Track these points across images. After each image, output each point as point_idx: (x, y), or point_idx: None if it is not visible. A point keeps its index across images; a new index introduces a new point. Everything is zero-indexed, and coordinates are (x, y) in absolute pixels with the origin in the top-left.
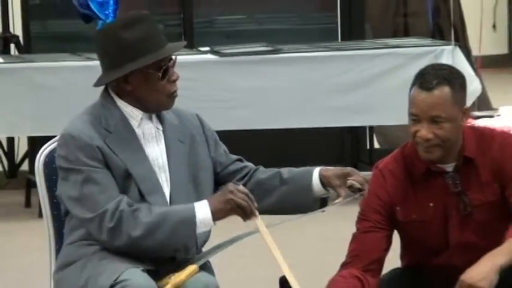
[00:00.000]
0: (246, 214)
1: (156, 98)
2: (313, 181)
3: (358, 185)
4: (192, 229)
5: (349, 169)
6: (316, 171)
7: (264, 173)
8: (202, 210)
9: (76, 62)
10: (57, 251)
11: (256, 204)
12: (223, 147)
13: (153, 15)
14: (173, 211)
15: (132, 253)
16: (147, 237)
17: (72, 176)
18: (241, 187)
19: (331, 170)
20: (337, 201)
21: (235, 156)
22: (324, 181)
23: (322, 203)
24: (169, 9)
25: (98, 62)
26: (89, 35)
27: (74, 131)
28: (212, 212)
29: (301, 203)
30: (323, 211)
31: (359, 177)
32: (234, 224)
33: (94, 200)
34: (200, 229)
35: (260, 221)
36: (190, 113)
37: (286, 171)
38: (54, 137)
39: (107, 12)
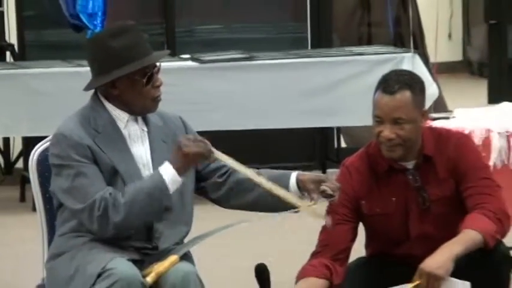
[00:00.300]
0: (205, 157)
1: (141, 102)
2: (290, 184)
3: (330, 191)
4: (165, 191)
5: (323, 176)
6: (294, 175)
7: None
8: (167, 172)
9: (67, 68)
10: (49, 241)
11: (209, 144)
12: None
13: (138, 25)
14: (144, 183)
15: (124, 233)
16: (129, 216)
17: (65, 171)
18: (189, 136)
19: (307, 176)
20: (309, 204)
21: None
22: (300, 185)
23: None
24: (153, 19)
25: (87, 68)
26: (79, 43)
27: (65, 130)
28: (177, 170)
29: (278, 203)
30: (297, 211)
31: (332, 184)
32: (213, 220)
33: (84, 192)
34: (172, 188)
35: (220, 153)
36: (174, 116)
37: (264, 173)
38: (46, 137)
39: (95, 23)
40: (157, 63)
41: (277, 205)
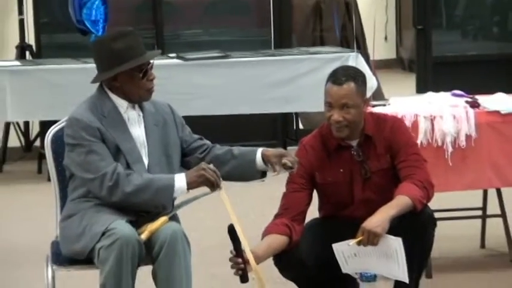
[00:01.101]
0: (213, 186)
1: (137, 92)
2: (256, 158)
3: (290, 164)
4: (170, 193)
5: (284, 151)
6: (259, 150)
7: (219, 149)
8: (179, 180)
9: (76, 65)
10: (61, 206)
11: (221, 179)
12: (188, 129)
13: (134, 30)
14: (158, 178)
15: (122, 207)
16: (136, 195)
17: (78, 149)
18: (211, 166)
19: (271, 151)
20: (273, 174)
21: (197, 136)
22: (265, 158)
23: (263, 174)
24: (145, 25)
25: (92, 65)
26: (85, 44)
27: (77, 115)
28: (187, 183)
29: (247, 173)
30: (263, 181)
31: (291, 158)
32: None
33: (96, 165)
34: (176, 194)
35: (223, 192)
36: (163, 103)
37: (236, 149)
38: (59, 121)
39: (98, 28)
40: (151, 61)
41: (247, 176)
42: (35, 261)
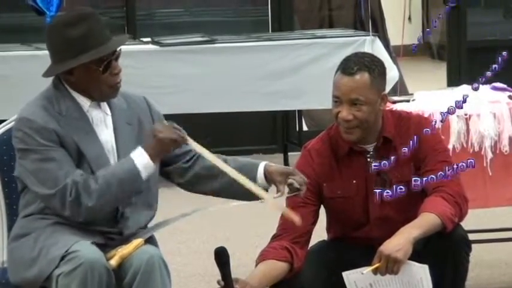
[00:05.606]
0: (179, 145)
1: (98, 90)
2: (258, 175)
3: (297, 185)
4: (137, 177)
5: (291, 169)
6: (262, 166)
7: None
8: (140, 158)
9: (26, 52)
10: (9, 225)
11: (184, 131)
12: None
13: (98, 8)
14: (115, 168)
15: (95, 218)
16: (101, 201)
17: (31, 155)
18: (164, 122)
19: (275, 167)
20: (276, 195)
21: None
22: (268, 176)
23: None
24: (113, 3)
25: (46, 52)
26: (37, 26)
27: (29, 114)
28: (150, 155)
29: (244, 192)
30: (262, 202)
31: (299, 178)
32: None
33: (54, 176)
34: (145, 174)
35: (194, 142)
36: (138, 97)
37: (231, 160)
38: (3, 121)
39: (51, 7)
40: (118, 49)
41: (242, 195)
42: None
